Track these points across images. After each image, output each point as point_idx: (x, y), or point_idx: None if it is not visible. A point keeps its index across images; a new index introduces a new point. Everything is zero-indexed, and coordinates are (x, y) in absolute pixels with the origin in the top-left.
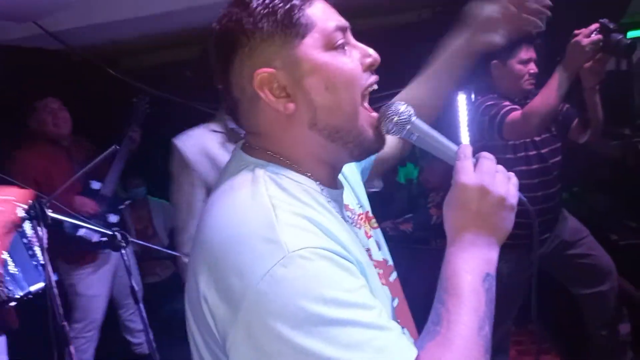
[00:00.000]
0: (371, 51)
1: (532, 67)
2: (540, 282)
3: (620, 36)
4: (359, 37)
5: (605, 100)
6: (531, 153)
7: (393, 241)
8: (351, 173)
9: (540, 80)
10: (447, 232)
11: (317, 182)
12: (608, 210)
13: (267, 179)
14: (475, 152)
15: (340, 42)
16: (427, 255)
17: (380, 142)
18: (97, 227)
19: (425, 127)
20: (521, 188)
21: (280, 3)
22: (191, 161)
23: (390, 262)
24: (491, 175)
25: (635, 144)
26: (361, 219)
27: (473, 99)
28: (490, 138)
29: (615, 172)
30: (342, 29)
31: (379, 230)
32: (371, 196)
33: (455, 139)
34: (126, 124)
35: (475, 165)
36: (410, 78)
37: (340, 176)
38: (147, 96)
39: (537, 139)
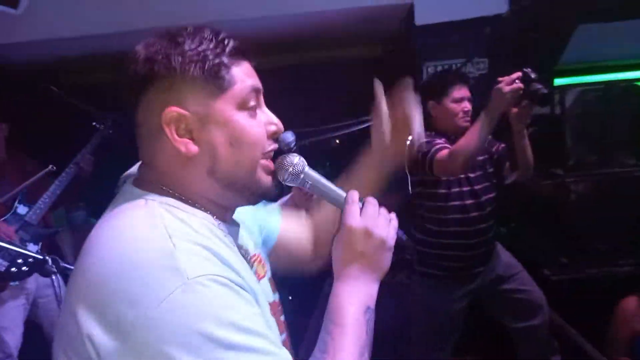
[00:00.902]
0: (276, 120)
1: (466, 105)
2: (475, 315)
3: (539, 86)
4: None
5: (539, 142)
6: (465, 189)
7: None
8: (248, 217)
9: None
10: (334, 268)
11: (213, 217)
12: (542, 246)
13: (162, 210)
14: (414, 186)
15: (252, 104)
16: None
17: (273, 189)
18: (21, 249)
19: (317, 176)
20: (456, 222)
21: (211, 55)
22: None
23: (280, 306)
24: (374, 219)
25: (568, 184)
26: (255, 259)
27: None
28: (424, 174)
29: (549, 210)
30: (257, 91)
31: (269, 273)
32: None
33: None
34: (81, 148)
35: (361, 209)
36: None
37: (236, 216)
38: (110, 120)
39: (471, 175)
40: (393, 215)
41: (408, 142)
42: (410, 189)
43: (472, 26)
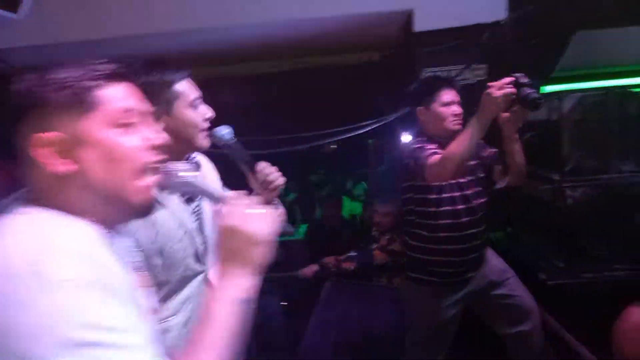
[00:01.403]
0: (155, 135)
1: (455, 109)
2: (468, 321)
3: (530, 91)
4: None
5: (537, 148)
6: (456, 194)
7: (335, 276)
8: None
9: None
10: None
11: (93, 227)
12: (538, 250)
13: (40, 219)
14: (405, 192)
15: (126, 122)
16: (369, 291)
17: (146, 209)
18: None
19: (195, 182)
20: (447, 228)
21: (73, 81)
22: None
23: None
24: (241, 217)
25: (564, 189)
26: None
27: (403, 142)
28: (417, 179)
29: (546, 215)
30: (130, 110)
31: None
32: (317, 230)
33: None
34: None
35: (233, 209)
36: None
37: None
38: None
39: (462, 180)
40: (270, 211)
41: None
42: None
43: (470, 33)
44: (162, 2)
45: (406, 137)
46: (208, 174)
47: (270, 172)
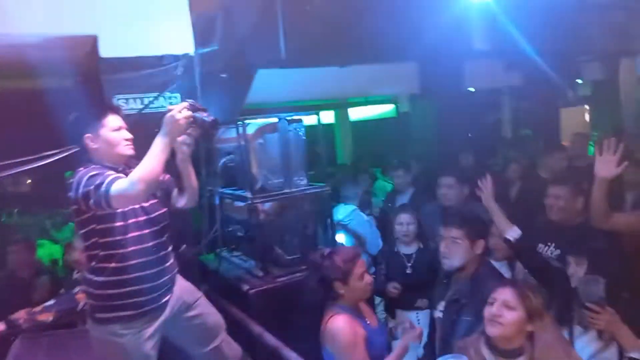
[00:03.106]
0: None
1: (125, 134)
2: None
3: (205, 115)
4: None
5: (234, 171)
6: (141, 219)
7: (31, 331)
8: None
9: None
10: None
11: None
12: (242, 265)
13: None
14: (85, 225)
15: None
16: (74, 338)
17: None
18: None
19: None
20: (137, 253)
21: None
22: None
23: None
24: None
25: (256, 205)
26: None
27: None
28: (99, 208)
29: (246, 231)
30: None
31: None
32: (7, 281)
33: None
34: None
35: None
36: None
37: None
38: None
39: (145, 205)
40: None
41: None
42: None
43: (163, 62)
44: None
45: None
46: None
47: None
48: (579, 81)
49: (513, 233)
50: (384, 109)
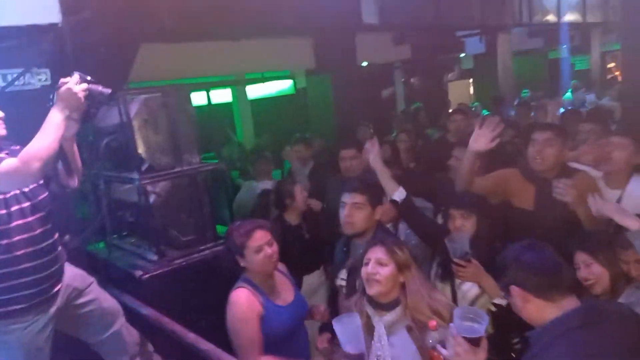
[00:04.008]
0: None
1: None
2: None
3: (99, 87)
4: None
5: (116, 151)
6: (25, 205)
7: None
8: None
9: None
10: None
11: None
12: (135, 250)
13: None
14: None
15: None
16: None
17: None
18: None
19: None
20: (24, 243)
21: None
22: None
23: None
24: None
25: (145, 187)
26: None
27: None
28: None
29: (136, 215)
30: None
31: None
32: None
33: None
34: None
35: None
36: None
37: None
38: None
39: (26, 190)
40: None
41: None
42: None
43: (28, 34)
44: None
45: None
46: None
47: None
48: (462, 55)
49: (399, 194)
50: (282, 86)
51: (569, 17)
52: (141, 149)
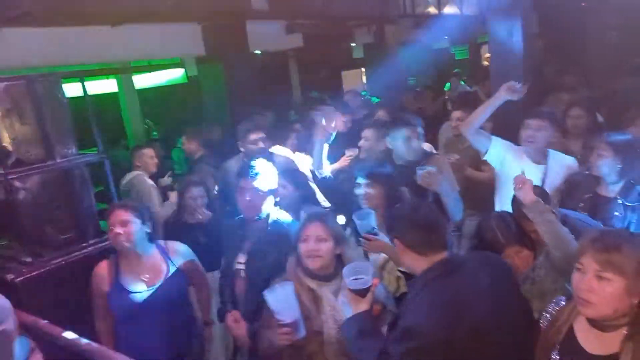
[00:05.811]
0: None
1: None
2: None
3: None
4: None
5: None
6: None
7: None
8: None
9: None
10: None
11: None
12: (5, 252)
13: None
14: None
15: None
16: None
17: None
18: None
19: None
20: None
21: None
22: None
23: None
24: None
25: (12, 182)
26: None
27: None
28: None
29: (4, 213)
30: None
31: None
32: None
33: None
34: None
35: None
36: None
37: None
38: None
39: None
40: None
41: None
42: None
43: None
44: None
45: None
46: None
47: None
48: (353, 45)
49: None
50: (173, 75)
51: (448, 9)
52: (6, 141)
